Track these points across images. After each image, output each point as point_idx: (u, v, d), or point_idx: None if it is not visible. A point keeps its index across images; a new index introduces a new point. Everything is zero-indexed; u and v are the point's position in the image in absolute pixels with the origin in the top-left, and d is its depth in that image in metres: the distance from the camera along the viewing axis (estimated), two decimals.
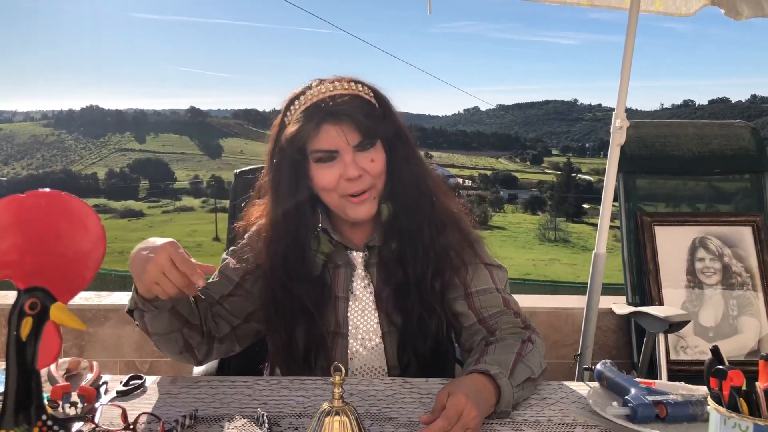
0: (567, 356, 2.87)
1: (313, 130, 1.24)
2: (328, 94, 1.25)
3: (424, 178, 1.35)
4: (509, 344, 1.24)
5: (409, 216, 1.32)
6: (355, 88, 1.29)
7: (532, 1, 2.69)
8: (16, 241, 0.79)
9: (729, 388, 0.89)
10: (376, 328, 1.35)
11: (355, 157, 1.25)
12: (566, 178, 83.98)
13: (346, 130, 1.24)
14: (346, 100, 1.25)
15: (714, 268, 2.79)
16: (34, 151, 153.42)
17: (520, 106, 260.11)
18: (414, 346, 1.34)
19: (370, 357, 1.35)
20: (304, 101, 1.27)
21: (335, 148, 1.25)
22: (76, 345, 2.84)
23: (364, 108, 1.26)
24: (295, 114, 1.27)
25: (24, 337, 0.77)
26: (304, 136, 1.25)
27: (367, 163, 1.27)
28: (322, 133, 1.24)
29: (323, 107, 1.24)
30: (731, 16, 2.70)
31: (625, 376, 1.18)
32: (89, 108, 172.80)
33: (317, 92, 1.27)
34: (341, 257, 1.37)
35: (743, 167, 2.97)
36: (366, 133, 1.25)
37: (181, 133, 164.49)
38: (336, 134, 1.24)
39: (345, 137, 1.24)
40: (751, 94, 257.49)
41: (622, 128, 2.51)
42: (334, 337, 1.35)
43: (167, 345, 1.28)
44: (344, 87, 1.28)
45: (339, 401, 0.92)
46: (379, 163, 1.29)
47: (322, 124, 1.24)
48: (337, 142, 1.24)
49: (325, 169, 1.26)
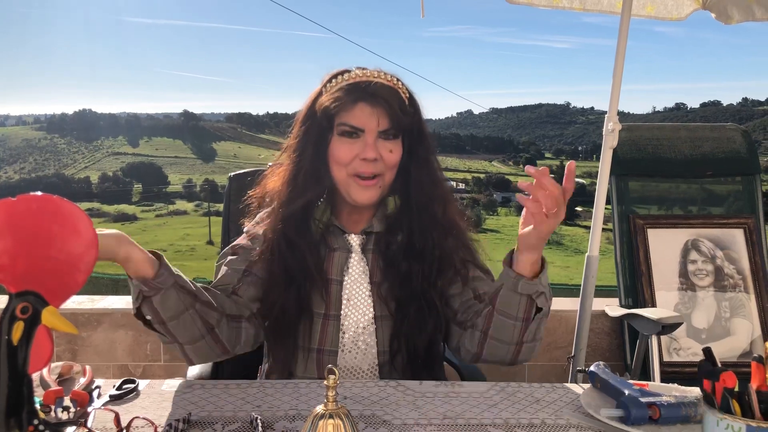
0: (561, 358, 2.87)
1: (350, 104, 1.31)
2: (371, 79, 1.33)
3: (440, 183, 1.42)
4: None
5: (421, 213, 1.37)
6: (395, 83, 1.36)
7: (525, 5, 2.70)
8: (8, 244, 0.78)
9: (722, 390, 0.89)
10: (370, 311, 1.37)
11: (377, 141, 1.32)
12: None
13: (379, 113, 1.31)
14: (387, 88, 1.32)
15: (706, 270, 2.80)
16: (26, 155, 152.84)
17: (513, 110, 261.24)
18: (408, 336, 1.36)
19: (361, 338, 1.37)
20: (347, 78, 1.34)
21: (363, 126, 1.31)
22: (69, 349, 2.83)
23: (400, 101, 1.32)
24: (335, 87, 1.34)
25: (15, 341, 0.77)
26: (338, 106, 1.31)
27: (386, 151, 1.33)
28: (357, 109, 1.31)
29: (364, 87, 1.31)
30: (722, 21, 2.72)
31: (619, 378, 1.18)
32: (82, 112, 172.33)
33: (362, 74, 1.34)
34: (337, 241, 1.41)
35: (735, 170, 2.99)
36: (395, 123, 1.32)
37: (174, 137, 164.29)
38: (369, 114, 1.31)
39: (377, 119, 1.31)
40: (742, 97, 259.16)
41: (614, 131, 2.52)
42: (326, 318, 1.37)
43: (186, 329, 1.23)
44: (387, 78, 1.35)
45: (333, 404, 0.92)
46: (396, 156, 1.34)
47: (358, 101, 1.31)
48: (367, 122, 1.31)
49: (345, 144, 1.33)
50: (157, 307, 1.20)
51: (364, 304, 1.38)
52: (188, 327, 1.23)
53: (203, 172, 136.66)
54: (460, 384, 1.27)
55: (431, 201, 1.38)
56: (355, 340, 1.37)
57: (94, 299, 2.97)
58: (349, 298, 1.38)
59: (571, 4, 2.73)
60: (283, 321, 1.35)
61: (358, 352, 1.37)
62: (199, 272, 33.63)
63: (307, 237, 1.37)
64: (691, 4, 2.76)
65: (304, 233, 1.37)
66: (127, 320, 2.84)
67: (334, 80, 1.36)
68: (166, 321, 1.21)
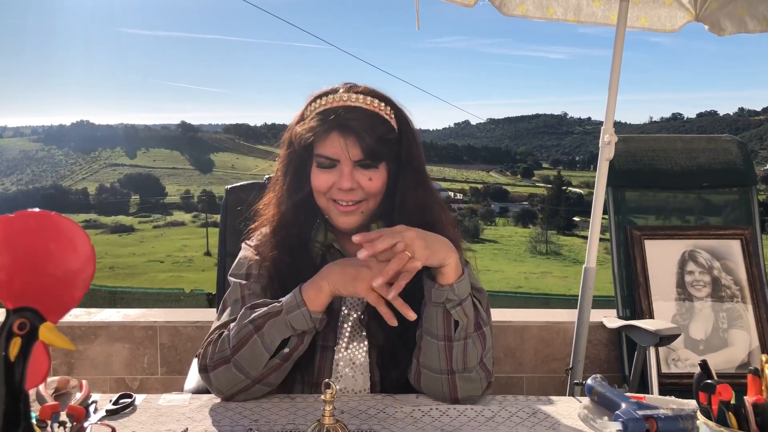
0: (559, 370, 2.87)
1: (323, 134, 1.28)
2: (348, 104, 1.29)
3: (430, 207, 1.35)
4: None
5: None
6: (376, 105, 1.31)
7: (520, 17, 2.72)
8: (5, 261, 0.78)
9: (718, 402, 0.90)
10: (364, 342, 1.34)
11: (353, 170, 1.28)
12: (557, 191, 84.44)
13: (350, 144, 1.26)
14: (361, 116, 1.27)
15: (704, 281, 2.80)
16: (24, 167, 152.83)
17: (511, 120, 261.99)
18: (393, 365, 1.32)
19: (353, 368, 1.33)
20: (326, 102, 1.31)
21: (337, 157, 1.28)
22: (66, 363, 2.82)
23: (376, 129, 1.27)
24: (312, 113, 1.31)
25: (12, 357, 0.76)
26: (312, 136, 1.28)
27: (365, 180, 1.29)
28: (329, 140, 1.27)
29: (337, 115, 1.27)
30: (715, 32, 2.75)
31: (616, 391, 1.18)
32: (80, 123, 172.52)
33: (339, 98, 1.30)
34: None
35: (731, 181, 3.00)
36: (368, 153, 1.27)
37: (172, 148, 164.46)
38: (340, 145, 1.26)
39: (347, 151, 1.26)
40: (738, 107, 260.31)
41: (610, 143, 2.53)
42: (324, 351, 1.32)
43: (286, 372, 1.25)
44: (366, 102, 1.30)
45: (330, 419, 0.92)
46: (377, 183, 1.30)
47: (331, 130, 1.27)
48: (340, 152, 1.27)
49: (322, 174, 1.30)
50: (303, 344, 1.23)
51: (359, 334, 1.34)
52: (287, 372, 1.25)
53: (201, 183, 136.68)
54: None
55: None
56: (350, 371, 1.33)
57: (91, 312, 2.96)
58: (346, 328, 1.34)
59: (565, 16, 2.75)
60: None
61: (351, 382, 1.33)
62: (196, 283, 33.50)
63: (306, 260, 1.34)
64: (685, 16, 2.79)
65: (303, 256, 1.34)
66: (124, 333, 2.83)
67: (314, 104, 1.32)
68: (291, 359, 1.23)
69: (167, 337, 2.84)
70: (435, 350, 1.22)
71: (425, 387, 1.26)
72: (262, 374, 1.20)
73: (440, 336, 1.22)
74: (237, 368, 1.20)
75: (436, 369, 1.23)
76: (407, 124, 1.36)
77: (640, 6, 2.77)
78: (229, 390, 1.22)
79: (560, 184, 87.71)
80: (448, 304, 1.20)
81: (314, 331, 1.23)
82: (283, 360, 1.21)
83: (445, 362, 1.22)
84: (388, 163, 1.32)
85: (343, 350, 1.33)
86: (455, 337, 1.21)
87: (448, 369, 1.22)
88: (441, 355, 1.22)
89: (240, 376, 1.20)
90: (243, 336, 1.21)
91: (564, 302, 12.78)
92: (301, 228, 1.35)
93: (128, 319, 2.88)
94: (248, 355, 1.20)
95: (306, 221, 1.36)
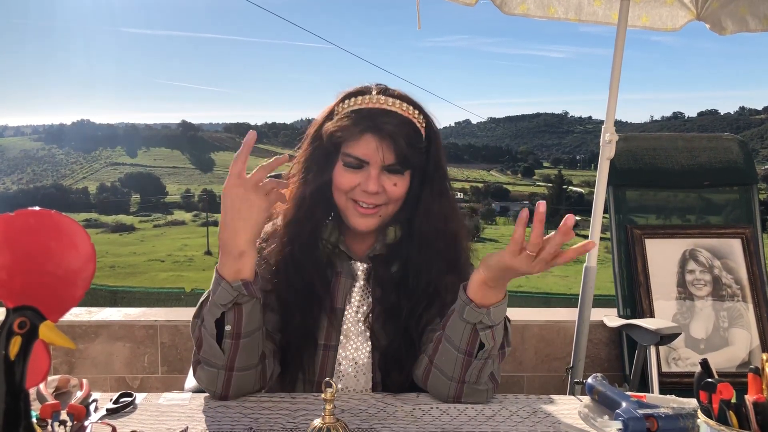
0: (559, 369, 2.87)
1: (356, 134, 1.26)
2: (385, 107, 1.28)
3: (451, 218, 1.36)
4: None
5: (423, 248, 1.33)
6: (411, 113, 1.31)
7: (521, 16, 2.72)
8: (5, 260, 0.78)
9: (718, 401, 0.89)
10: (367, 343, 1.35)
11: (380, 174, 1.27)
12: (557, 191, 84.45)
13: (385, 147, 1.25)
14: (397, 121, 1.27)
15: (704, 280, 2.80)
16: (24, 166, 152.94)
17: (511, 119, 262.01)
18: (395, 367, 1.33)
19: (357, 369, 1.34)
20: (360, 102, 1.30)
21: (367, 159, 1.27)
22: (66, 362, 2.82)
23: (410, 136, 1.28)
24: (346, 110, 1.30)
25: (12, 356, 0.76)
26: (344, 135, 1.27)
27: (390, 185, 1.29)
28: (363, 141, 1.26)
29: (374, 117, 1.26)
30: (716, 31, 2.74)
31: (616, 390, 1.18)
32: (80, 122, 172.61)
33: (376, 100, 1.29)
34: (342, 265, 1.37)
35: (732, 180, 3.00)
36: (401, 159, 1.27)
37: (172, 147, 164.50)
38: (375, 147, 1.25)
39: (382, 154, 1.26)
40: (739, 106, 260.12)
41: (611, 142, 2.53)
42: (326, 349, 1.33)
43: (250, 351, 1.21)
44: (402, 108, 1.29)
45: (330, 417, 0.92)
46: (400, 190, 1.30)
47: (366, 132, 1.26)
48: (372, 155, 1.26)
49: (348, 173, 1.28)
50: (244, 316, 1.18)
51: (362, 334, 1.35)
52: (253, 349, 1.22)
53: (201, 182, 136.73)
54: None
55: (438, 235, 1.32)
56: (352, 371, 1.34)
57: (92, 311, 2.96)
58: (348, 328, 1.35)
59: (566, 15, 2.75)
60: (289, 350, 1.32)
61: (353, 381, 1.34)
62: (197, 283, 33.51)
63: (314, 258, 1.33)
64: (686, 15, 2.78)
65: (312, 254, 1.33)
66: (124, 332, 2.83)
67: (347, 101, 1.31)
68: (242, 335, 1.19)
69: (168, 336, 2.84)
70: (452, 359, 1.21)
71: (431, 385, 1.26)
72: (228, 360, 1.19)
73: (461, 350, 1.20)
74: (206, 364, 1.21)
75: (448, 375, 1.22)
76: (435, 134, 1.36)
77: (641, 5, 2.76)
78: (212, 386, 1.22)
79: (561, 183, 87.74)
80: (479, 326, 1.18)
81: (249, 298, 1.18)
82: (235, 338, 1.18)
83: (459, 372, 1.21)
84: (413, 171, 1.32)
85: (346, 350, 1.34)
86: (477, 356, 1.20)
87: (460, 378, 1.21)
88: (457, 366, 1.20)
89: (212, 370, 1.20)
90: (197, 333, 1.22)
91: (564, 301, 12.79)
92: (315, 224, 1.34)
93: (129, 318, 2.88)
94: (207, 347, 1.20)
95: (321, 218, 1.35)
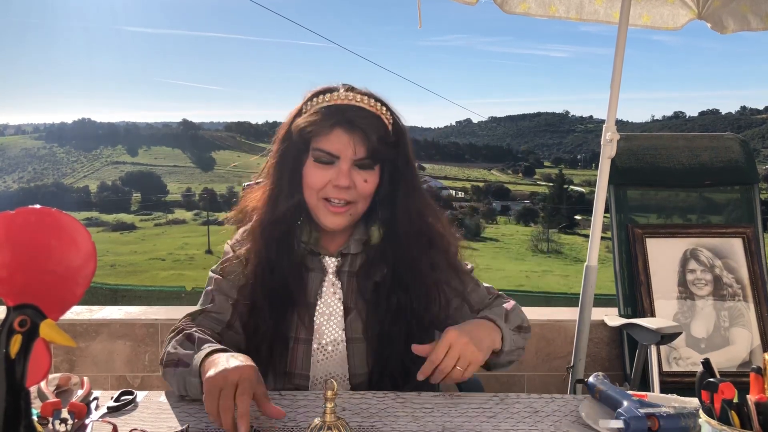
0: (560, 368, 2.86)
1: (326, 128, 1.27)
2: (353, 103, 1.30)
3: (425, 214, 1.38)
4: (496, 305, 1.39)
5: (407, 246, 1.35)
6: (379, 108, 1.33)
7: (522, 15, 2.71)
8: (6, 258, 0.78)
9: (720, 401, 0.89)
10: (341, 335, 1.36)
11: (351, 169, 1.29)
12: (558, 190, 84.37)
13: (356, 140, 1.27)
14: (368, 115, 1.29)
15: (705, 280, 2.80)
16: (25, 165, 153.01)
17: (512, 118, 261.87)
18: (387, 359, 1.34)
19: (333, 363, 1.35)
20: (328, 99, 1.31)
21: (338, 153, 1.28)
22: (67, 359, 2.82)
23: (379, 130, 1.29)
24: (314, 107, 1.31)
25: (13, 354, 0.77)
26: (314, 130, 1.28)
27: (360, 181, 1.30)
28: (333, 135, 1.28)
29: (344, 112, 1.28)
30: (717, 30, 2.73)
31: (618, 389, 1.18)
32: (81, 121, 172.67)
33: (344, 96, 1.31)
34: (313, 261, 1.39)
35: (733, 179, 2.99)
36: (371, 153, 1.28)
37: (173, 146, 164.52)
38: (346, 141, 1.27)
39: (353, 147, 1.27)
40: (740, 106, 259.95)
41: (612, 141, 2.53)
42: (297, 343, 1.35)
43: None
44: (370, 104, 1.31)
45: (331, 416, 0.92)
46: (370, 186, 1.32)
47: (336, 126, 1.27)
48: (343, 149, 1.27)
49: (319, 170, 1.30)
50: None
51: (336, 327, 1.36)
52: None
53: (202, 181, 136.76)
54: (458, 395, 1.27)
55: (416, 231, 1.36)
56: (325, 364, 1.35)
57: (93, 309, 2.96)
58: (321, 321, 1.36)
59: (567, 14, 2.74)
60: (262, 346, 1.33)
61: (328, 374, 1.35)
62: (197, 281, 33.53)
63: (288, 259, 1.35)
64: (687, 14, 2.78)
65: (286, 255, 1.35)
66: (125, 331, 2.83)
67: (315, 99, 1.33)
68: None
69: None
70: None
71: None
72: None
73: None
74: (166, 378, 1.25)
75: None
76: (402, 130, 1.37)
77: (643, 4, 2.76)
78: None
79: (562, 182, 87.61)
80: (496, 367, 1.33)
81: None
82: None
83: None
84: (381, 167, 1.33)
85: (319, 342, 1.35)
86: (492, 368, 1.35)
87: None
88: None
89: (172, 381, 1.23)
90: (167, 360, 1.24)
91: (565, 300, 12.80)
92: (288, 225, 1.36)
93: (130, 316, 2.88)
94: (169, 377, 1.23)
95: (294, 218, 1.36)
